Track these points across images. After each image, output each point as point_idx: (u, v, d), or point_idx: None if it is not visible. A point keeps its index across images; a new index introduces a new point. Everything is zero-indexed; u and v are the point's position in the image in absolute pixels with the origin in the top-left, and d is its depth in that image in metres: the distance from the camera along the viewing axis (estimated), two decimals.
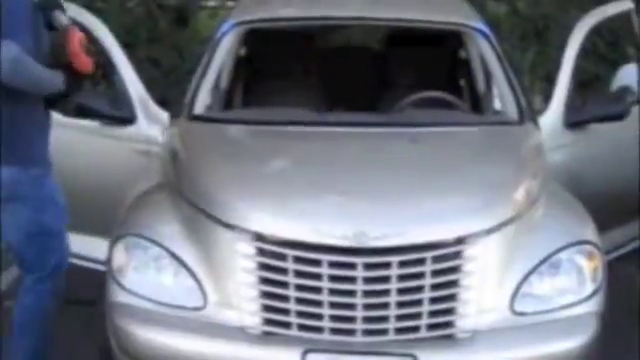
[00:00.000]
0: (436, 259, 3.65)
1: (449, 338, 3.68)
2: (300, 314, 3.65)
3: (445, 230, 3.70)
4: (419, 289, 3.64)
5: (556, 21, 8.19)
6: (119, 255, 3.91)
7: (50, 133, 4.10)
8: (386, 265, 3.63)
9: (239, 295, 3.70)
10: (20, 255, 4.11)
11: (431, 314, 3.65)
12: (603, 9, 5.54)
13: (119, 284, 3.86)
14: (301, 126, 4.57)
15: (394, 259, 3.62)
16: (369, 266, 3.62)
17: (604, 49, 8.12)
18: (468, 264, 3.68)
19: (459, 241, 3.68)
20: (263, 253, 3.68)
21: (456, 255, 3.67)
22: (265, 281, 3.68)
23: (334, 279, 3.63)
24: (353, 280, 3.62)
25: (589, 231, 4.01)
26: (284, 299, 3.66)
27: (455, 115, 4.89)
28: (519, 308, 3.75)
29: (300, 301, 3.65)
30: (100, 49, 4.95)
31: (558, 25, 7.98)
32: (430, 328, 3.66)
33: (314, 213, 3.79)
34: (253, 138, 4.64)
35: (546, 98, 6.08)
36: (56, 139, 4.15)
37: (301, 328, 3.65)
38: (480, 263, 3.69)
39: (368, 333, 3.64)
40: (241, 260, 3.70)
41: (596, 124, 5.08)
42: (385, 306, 3.63)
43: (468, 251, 3.68)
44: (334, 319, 3.64)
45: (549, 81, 6.64)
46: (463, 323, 3.67)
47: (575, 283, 3.84)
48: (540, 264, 3.80)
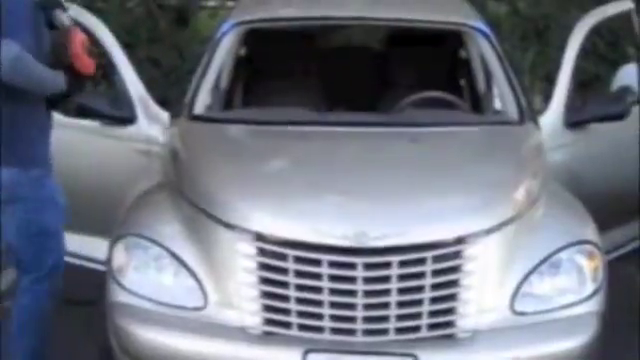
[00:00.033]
0: (436, 259, 3.64)
1: (449, 338, 3.67)
2: (300, 314, 3.65)
3: (445, 230, 3.70)
4: (419, 289, 3.64)
5: (556, 21, 8.19)
6: (119, 255, 3.90)
7: (51, 134, 4.10)
8: (386, 265, 3.63)
9: (239, 295, 3.69)
10: (18, 255, 4.11)
11: (431, 314, 3.65)
12: (603, 9, 5.53)
13: (119, 284, 3.85)
14: (301, 126, 4.56)
15: (394, 259, 3.62)
16: (369, 266, 3.62)
17: (604, 49, 8.12)
18: (468, 264, 3.67)
19: (459, 241, 3.68)
20: (263, 253, 3.68)
21: (456, 255, 3.67)
22: (265, 281, 3.67)
23: (334, 279, 3.63)
24: (353, 280, 3.62)
25: (589, 231, 4.01)
26: (284, 299, 3.66)
27: (455, 115, 4.89)
28: (519, 308, 3.74)
29: (300, 301, 3.64)
30: (100, 49, 4.95)
31: (558, 25, 7.98)
32: (430, 328, 3.65)
33: (314, 213, 3.79)
34: (253, 138, 4.64)
35: (546, 98, 6.07)
36: (56, 139, 4.15)
37: (301, 328, 3.65)
38: (480, 263, 3.69)
39: (368, 333, 3.64)
40: (241, 260, 3.70)
41: (596, 124, 5.09)
42: (385, 306, 3.63)
43: (468, 251, 3.68)
44: (334, 319, 3.64)
45: (549, 81, 6.63)
46: (463, 323, 3.67)
47: (575, 283, 3.84)
48: (540, 264, 3.79)
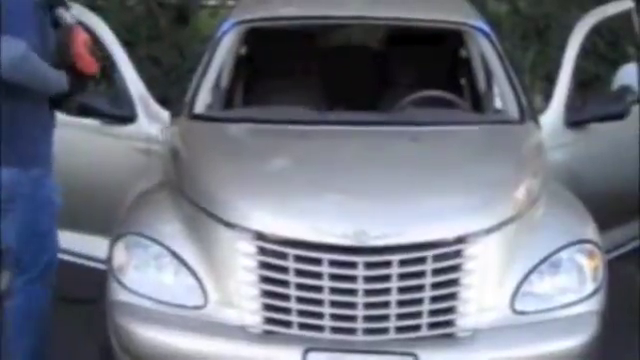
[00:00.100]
0: (436, 258, 3.65)
1: (450, 337, 3.67)
2: (301, 313, 3.65)
3: (445, 229, 3.70)
4: (420, 288, 3.64)
5: (557, 20, 8.19)
6: (120, 254, 3.90)
7: (54, 133, 4.09)
8: (387, 264, 3.63)
9: (240, 294, 3.69)
10: (17, 255, 4.10)
11: (432, 313, 3.65)
12: (603, 9, 5.54)
13: (120, 283, 3.85)
14: (302, 125, 4.56)
15: (394, 258, 3.62)
16: (370, 265, 3.62)
17: (604, 49, 8.12)
18: (468, 263, 3.68)
19: (459, 240, 3.68)
20: (264, 252, 3.68)
21: (456, 254, 3.67)
22: (266, 280, 3.67)
23: (335, 278, 3.63)
24: (354, 279, 3.62)
25: (590, 230, 4.01)
26: (285, 298, 3.66)
27: (456, 114, 4.89)
28: (520, 307, 3.74)
29: (301, 300, 3.64)
30: (101, 48, 4.95)
31: (559, 24, 7.98)
32: (431, 327, 3.66)
33: (315, 212, 3.79)
34: (254, 137, 4.64)
35: (546, 97, 6.07)
36: (56, 138, 4.14)
37: (302, 327, 3.65)
38: (480, 262, 3.69)
39: (369, 332, 3.64)
40: (242, 259, 3.70)
41: (596, 123, 5.09)
42: (386, 305, 3.63)
43: (468, 250, 3.68)
44: (335, 318, 3.64)
45: (549, 80, 6.62)
46: (464, 322, 3.67)
47: (576, 282, 3.84)
48: (540, 263, 3.79)
